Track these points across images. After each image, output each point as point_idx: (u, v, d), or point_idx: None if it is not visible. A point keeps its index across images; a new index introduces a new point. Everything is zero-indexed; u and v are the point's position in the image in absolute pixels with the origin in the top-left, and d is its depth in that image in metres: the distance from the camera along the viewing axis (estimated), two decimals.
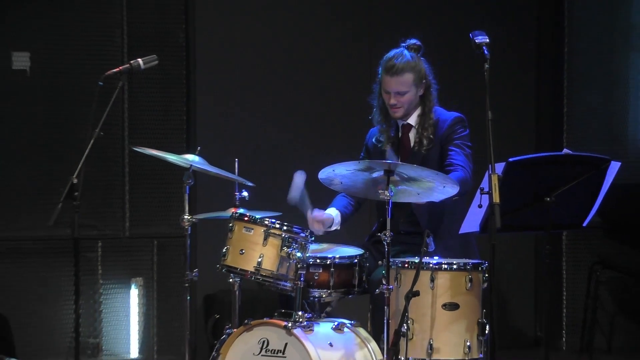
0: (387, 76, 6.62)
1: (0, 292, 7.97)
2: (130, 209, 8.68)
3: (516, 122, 9.14)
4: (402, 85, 6.61)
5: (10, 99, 8.45)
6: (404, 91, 6.62)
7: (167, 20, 8.71)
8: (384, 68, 6.64)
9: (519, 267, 9.21)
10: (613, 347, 9.15)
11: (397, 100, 6.63)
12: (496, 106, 5.70)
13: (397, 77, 6.60)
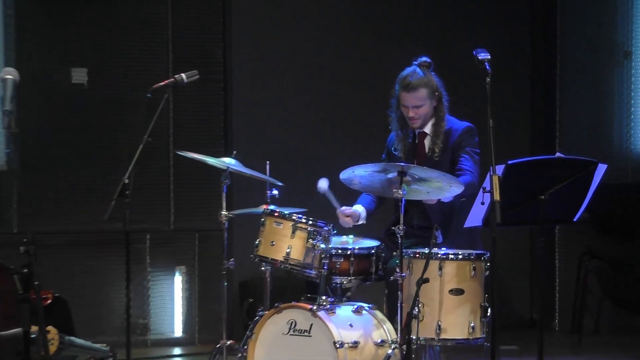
0: (404, 92, 6.63)
1: (61, 279, 7.99)
2: (175, 205, 8.70)
3: (514, 129, 9.13)
4: (418, 100, 6.63)
5: (70, 109, 8.47)
6: (420, 104, 6.64)
7: (206, 39, 8.72)
8: (401, 86, 6.65)
9: (517, 257, 9.18)
10: (600, 328, 9.13)
11: (415, 113, 6.64)
12: (496, 114, 5.70)
13: (413, 92, 6.61)
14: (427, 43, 8.19)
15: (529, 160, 6.29)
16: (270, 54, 8.98)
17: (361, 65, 8.99)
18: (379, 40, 9.01)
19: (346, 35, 9.07)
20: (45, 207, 8.31)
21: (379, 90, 7.21)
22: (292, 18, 9.02)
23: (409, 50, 7.11)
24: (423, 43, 8.09)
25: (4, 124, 4.67)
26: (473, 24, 9.11)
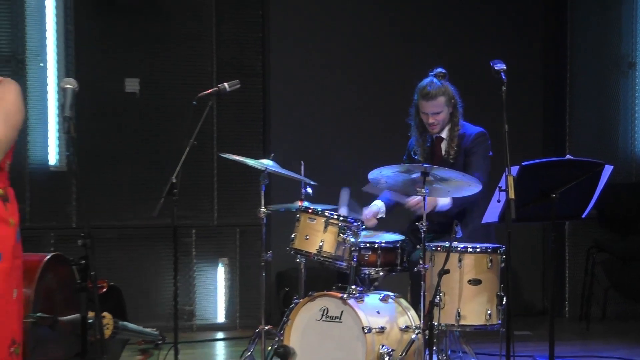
0: (424, 101, 6.65)
1: (116, 269, 8.01)
2: (218, 203, 8.71)
3: (527, 133, 9.09)
4: (437, 107, 6.64)
5: (124, 115, 8.50)
6: (439, 111, 6.66)
7: (247, 52, 8.73)
8: (420, 95, 6.66)
9: (530, 250, 9.15)
10: (606, 315, 9.08)
11: (434, 119, 6.66)
12: (511, 120, 5.69)
13: (432, 101, 6.63)
14: (446, 54, 8.17)
15: (542, 161, 6.30)
16: (304, 65, 8.98)
17: (386, 76, 8.98)
18: (401, 53, 9.00)
19: (372, 49, 9.06)
20: (101, 204, 8.33)
21: (402, 98, 7.19)
22: (324, 32, 9.02)
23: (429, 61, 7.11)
24: (443, 54, 8.07)
25: (64, 129, 4.68)
26: (489, 37, 9.09)
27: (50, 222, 8.35)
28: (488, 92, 6.21)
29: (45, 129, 8.34)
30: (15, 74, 8.02)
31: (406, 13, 9.15)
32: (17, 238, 4.60)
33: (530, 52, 9.34)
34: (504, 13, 9.30)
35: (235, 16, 8.71)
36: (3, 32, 8.11)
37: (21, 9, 8.25)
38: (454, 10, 9.21)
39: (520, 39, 9.26)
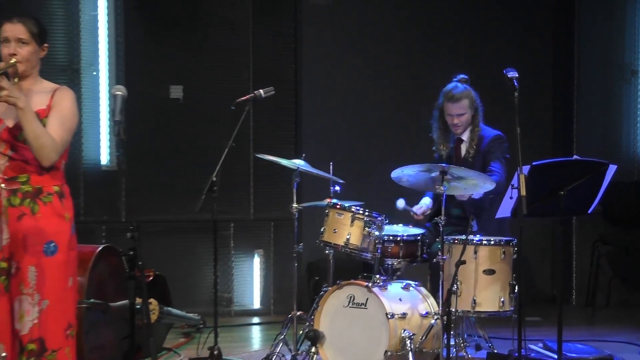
0: (450, 103, 6.66)
1: (161, 259, 8.00)
2: (254, 199, 8.71)
3: (537, 135, 9.04)
4: (462, 109, 6.66)
5: (169, 119, 8.52)
6: (463, 113, 6.67)
7: (281, 61, 8.73)
8: (446, 98, 6.68)
9: (540, 243, 9.11)
10: (611, 302, 9.04)
11: (459, 120, 6.69)
12: (522, 123, 5.68)
13: (457, 103, 6.65)
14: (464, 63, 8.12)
15: (551, 161, 6.28)
16: (333, 73, 8.98)
17: (407, 83, 8.97)
18: (423, 61, 8.99)
19: (395, 58, 9.06)
20: (148, 200, 8.36)
21: (423, 103, 7.19)
22: (351, 44, 9.02)
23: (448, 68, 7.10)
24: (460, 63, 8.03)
25: (114, 132, 4.71)
26: (502, 47, 9.06)
27: (102, 217, 8.38)
28: (501, 98, 6.19)
29: (98, 132, 8.37)
30: (71, 82, 8.07)
31: (427, 25, 9.15)
32: (72, 231, 4.63)
33: (540, 60, 9.30)
34: (516, 25, 9.27)
35: (270, 29, 8.72)
36: (60, 43, 8.14)
37: (76, 23, 8.29)
38: (471, 23, 9.19)
39: (531, 49, 9.22)
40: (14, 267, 4.51)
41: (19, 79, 4.57)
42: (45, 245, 4.50)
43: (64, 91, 4.66)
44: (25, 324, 4.51)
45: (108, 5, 8.36)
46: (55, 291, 4.52)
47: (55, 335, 4.54)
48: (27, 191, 4.53)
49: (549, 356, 6.47)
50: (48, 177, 4.56)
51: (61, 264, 4.53)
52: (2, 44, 4.57)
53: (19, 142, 4.52)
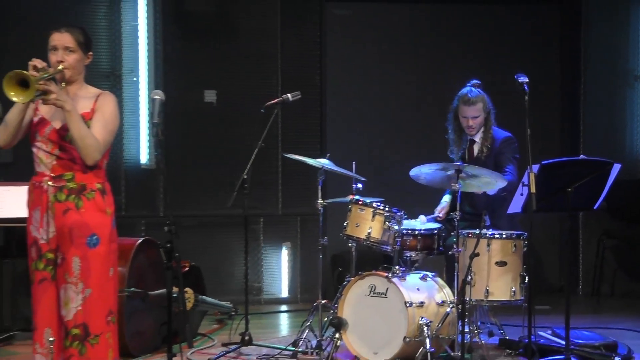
0: (465, 106, 6.65)
1: (196, 251, 8.03)
2: (282, 196, 8.72)
3: (546, 136, 9.04)
4: (476, 112, 6.65)
5: (203, 121, 8.55)
6: (477, 115, 6.66)
7: (307, 67, 8.73)
8: (462, 101, 6.66)
9: (549, 236, 9.09)
10: (615, 292, 9.01)
11: (473, 122, 6.67)
12: (532, 124, 5.67)
13: (472, 106, 6.64)
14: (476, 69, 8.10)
15: (559, 160, 6.26)
16: (355, 78, 9.00)
17: (424, 87, 8.97)
18: (438, 68, 8.99)
19: (412, 64, 9.07)
20: (184, 197, 8.38)
21: (438, 106, 7.18)
22: (372, 51, 9.03)
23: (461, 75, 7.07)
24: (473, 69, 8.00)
25: (153, 133, 4.72)
26: (513, 54, 9.04)
27: (141, 212, 8.41)
28: (512, 101, 6.18)
29: (138, 133, 8.40)
30: (113, 87, 8.11)
31: (442, 33, 9.15)
32: (113, 225, 4.65)
33: (549, 66, 9.27)
34: (526, 34, 9.25)
35: (297, 37, 8.72)
36: (103, 52, 8.18)
37: (118, 33, 8.33)
38: (483, 31, 9.18)
39: (540, 55, 9.20)
40: (60, 257, 4.53)
41: (66, 84, 4.59)
42: (89, 238, 4.51)
43: (106, 96, 4.68)
44: (70, 311, 4.52)
45: (147, 16, 8.39)
46: (97, 280, 4.53)
47: (97, 321, 4.55)
48: (72, 188, 4.54)
49: (557, 342, 6.43)
50: (91, 175, 4.57)
51: (103, 255, 4.55)
52: (50, 52, 4.60)
53: (66, 142, 4.53)
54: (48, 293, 4.56)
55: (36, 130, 4.58)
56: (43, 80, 4.38)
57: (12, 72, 4.30)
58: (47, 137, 4.56)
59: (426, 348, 5.98)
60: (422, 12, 9.15)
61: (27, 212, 4.64)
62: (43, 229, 4.54)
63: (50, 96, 4.40)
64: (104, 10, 8.30)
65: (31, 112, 4.58)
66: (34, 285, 4.60)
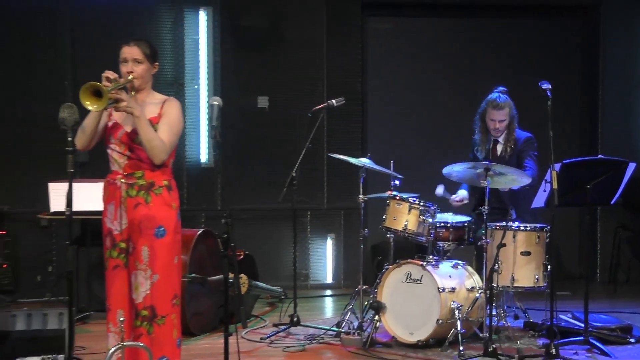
0: (494, 110, 6.62)
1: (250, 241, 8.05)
2: (327, 191, 8.71)
3: (568, 137, 8.96)
4: (503, 115, 6.63)
5: (256, 125, 8.55)
6: (504, 119, 6.63)
7: (349, 76, 8.71)
8: (491, 105, 6.64)
9: (569, 229, 9.00)
10: (630, 280, 8.90)
11: (500, 125, 6.66)
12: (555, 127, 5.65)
13: (500, 110, 6.62)
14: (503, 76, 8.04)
15: (579, 160, 6.25)
16: (393, 85, 8.98)
17: (455, 93, 8.91)
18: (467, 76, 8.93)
19: (445, 72, 9.02)
20: (239, 192, 8.40)
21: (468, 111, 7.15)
22: (408, 61, 9.00)
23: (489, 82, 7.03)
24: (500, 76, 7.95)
25: (211, 135, 4.77)
26: (537, 62, 8.97)
27: (201, 205, 8.44)
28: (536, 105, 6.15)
29: (198, 135, 8.44)
30: (177, 94, 8.15)
31: (471, 44, 9.09)
32: (178, 218, 4.67)
33: (570, 74, 9.18)
34: (549, 44, 9.15)
35: (341, 49, 8.71)
36: (168, 62, 8.22)
37: (181, 45, 8.38)
38: (509, 42, 9.12)
39: (562, 64, 9.11)
40: (131, 246, 4.57)
41: (135, 92, 4.62)
42: (156, 229, 4.54)
43: (171, 102, 4.71)
44: (140, 294, 4.56)
45: (207, 31, 8.44)
46: (163, 267, 4.56)
47: (163, 303, 4.58)
48: (142, 185, 4.58)
49: (576, 325, 6.39)
50: (159, 173, 4.61)
51: (169, 244, 4.57)
52: (121, 64, 4.64)
53: (136, 144, 4.57)
54: (120, 278, 4.61)
55: (110, 134, 4.63)
56: (115, 89, 4.42)
57: (87, 84, 4.34)
58: (119, 139, 4.61)
59: (457, 329, 5.99)
60: (453, 26, 9.11)
61: (102, 205, 4.68)
62: (117, 221, 4.58)
63: (121, 104, 4.45)
64: (169, 25, 8.36)
65: (105, 118, 4.64)
66: (108, 271, 4.64)
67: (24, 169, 7.99)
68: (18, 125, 8.06)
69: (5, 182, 7.98)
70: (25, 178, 7.93)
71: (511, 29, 9.14)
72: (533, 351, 5.95)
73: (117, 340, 4.50)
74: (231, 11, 8.50)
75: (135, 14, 8.20)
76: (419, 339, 6.09)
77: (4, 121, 8.06)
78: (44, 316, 5.69)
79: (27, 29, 8.08)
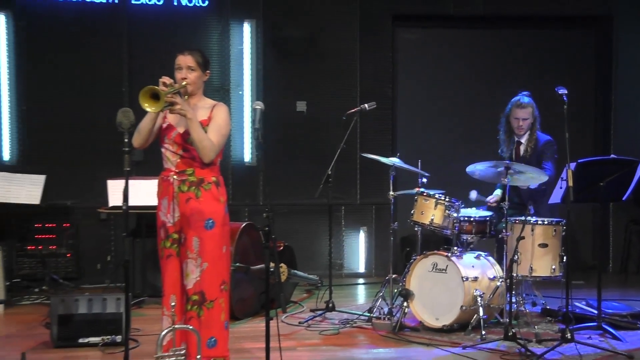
0: (518, 109, 6.63)
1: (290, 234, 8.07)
2: (360, 188, 8.70)
3: (582, 138, 8.88)
4: (526, 115, 6.65)
5: (295, 127, 8.56)
6: (527, 118, 6.63)
7: (381, 82, 8.70)
8: (515, 105, 6.67)
9: (584, 223, 8.92)
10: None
11: (524, 124, 6.67)
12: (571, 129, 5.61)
13: (524, 109, 6.63)
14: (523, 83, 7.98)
15: (593, 159, 6.21)
16: (421, 91, 8.96)
17: (478, 98, 8.87)
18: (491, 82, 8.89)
19: (469, 78, 8.99)
20: (279, 188, 8.40)
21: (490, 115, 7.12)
22: (435, 68, 8.98)
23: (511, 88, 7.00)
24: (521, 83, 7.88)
25: (254, 137, 4.78)
26: (554, 69, 8.91)
27: (244, 201, 8.48)
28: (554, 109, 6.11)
29: (242, 137, 8.46)
30: (223, 99, 8.18)
31: (494, 52, 9.06)
32: (225, 211, 4.69)
33: (585, 80, 9.10)
34: (566, 53, 9.10)
35: (373, 57, 8.70)
36: (215, 70, 8.23)
37: (227, 55, 8.42)
38: (529, 51, 9.07)
39: (578, 71, 9.05)
40: (183, 237, 4.60)
41: (188, 97, 4.66)
42: (206, 222, 4.56)
43: (220, 106, 4.73)
44: (191, 281, 4.58)
45: (251, 42, 8.48)
46: (212, 256, 4.58)
47: (212, 289, 4.60)
48: (193, 181, 4.60)
49: (590, 311, 6.36)
50: (208, 171, 4.63)
51: (217, 235, 4.59)
52: (176, 71, 4.67)
53: (188, 144, 4.60)
54: (173, 266, 4.64)
55: (164, 134, 4.67)
56: (170, 93, 4.46)
57: (146, 88, 4.39)
58: (173, 140, 4.64)
59: (480, 315, 5.97)
60: (474, 36, 9.06)
61: (155, 200, 4.71)
62: (170, 214, 4.61)
63: (175, 107, 4.49)
64: (217, 36, 8.40)
65: (160, 120, 4.67)
66: (162, 260, 4.67)
67: (86, 168, 8.07)
68: (81, 128, 8.15)
69: (70, 179, 8.07)
70: (87, 176, 8.01)
71: (529, 39, 9.09)
72: (550, 335, 5.92)
73: (170, 323, 4.53)
74: (272, 24, 8.52)
75: (186, 27, 8.25)
76: (444, 323, 6.08)
77: (69, 125, 8.16)
78: (103, 301, 5.75)
79: (90, 42, 8.17)
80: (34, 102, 8.14)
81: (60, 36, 8.14)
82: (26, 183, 7.35)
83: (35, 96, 8.13)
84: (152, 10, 8.23)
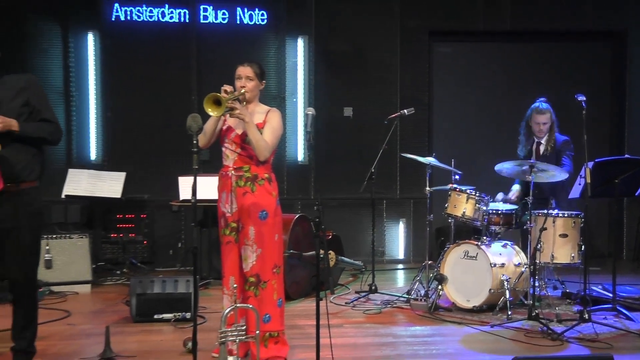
0: (538, 115, 6.52)
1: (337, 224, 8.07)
2: (400, 183, 8.65)
3: (599, 140, 8.69)
4: (546, 119, 6.55)
5: (342, 131, 8.54)
6: (546, 122, 6.50)
7: (418, 90, 8.63)
8: (535, 111, 6.57)
9: (600, 216, 8.75)
10: None
11: (543, 127, 6.54)
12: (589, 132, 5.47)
13: (544, 115, 6.52)
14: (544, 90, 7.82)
15: (608, 159, 6.10)
16: (454, 98, 8.86)
17: (504, 104, 8.75)
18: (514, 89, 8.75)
19: (496, 87, 8.87)
20: (329, 184, 8.42)
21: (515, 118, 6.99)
22: (466, 77, 8.88)
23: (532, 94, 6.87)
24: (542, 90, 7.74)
25: (306, 139, 4.73)
26: (574, 78, 8.74)
27: (297, 195, 8.46)
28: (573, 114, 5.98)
29: (296, 139, 8.47)
30: (279, 106, 8.20)
31: (518, 62, 8.92)
32: (277, 204, 4.67)
33: (601, 88, 8.93)
34: (584, 63, 8.93)
35: (412, 68, 8.63)
36: (273, 80, 8.28)
37: (283, 66, 8.42)
38: (550, 62, 8.92)
39: (595, 80, 8.88)
40: (240, 226, 4.60)
41: (246, 103, 4.66)
42: (260, 213, 4.55)
43: (274, 112, 4.72)
44: (248, 264, 4.59)
45: (304, 54, 8.47)
46: (266, 243, 4.57)
47: (266, 272, 4.60)
48: (248, 177, 4.59)
49: (606, 295, 6.24)
50: (262, 168, 4.61)
51: (270, 225, 4.58)
52: (236, 80, 4.68)
53: (245, 144, 4.60)
54: (232, 252, 4.64)
55: (225, 135, 4.67)
56: (230, 100, 4.46)
57: (209, 95, 4.40)
58: (232, 140, 4.63)
59: (506, 297, 5.88)
60: (503, 49, 8.95)
61: (217, 194, 4.72)
62: (228, 205, 4.61)
63: (235, 111, 4.49)
64: (274, 50, 8.41)
65: (221, 123, 4.68)
66: (222, 246, 4.68)
67: (160, 166, 8.15)
68: (156, 131, 8.23)
69: (146, 176, 8.16)
70: (161, 173, 8.09)
71: (551, 51, 8.96)
72: (569, 316, 5.80)
73: (231, 302, 4.52)
74: (323, 39, 8.51)
75: (247, 41, 8.28)
76: (474, 304, 6.00)
77: (145, 128, 8.24)
78: (175, 282, 5.79)
79: (164, 57, 8.25)
80: (116, 109, 8.25)
81: (139, 52, 8.22)
82: (109, 179, 7.45)
83: (118, 104, 8.24)
84: (218, 28, 8.28)
